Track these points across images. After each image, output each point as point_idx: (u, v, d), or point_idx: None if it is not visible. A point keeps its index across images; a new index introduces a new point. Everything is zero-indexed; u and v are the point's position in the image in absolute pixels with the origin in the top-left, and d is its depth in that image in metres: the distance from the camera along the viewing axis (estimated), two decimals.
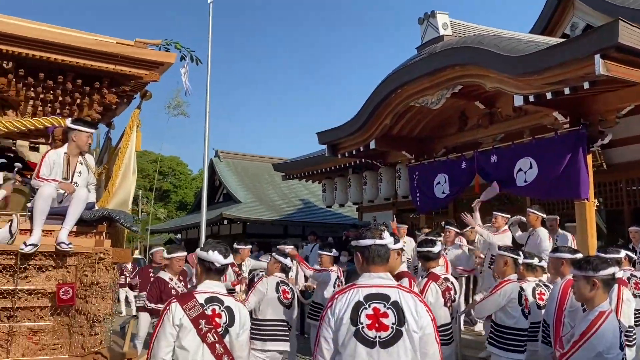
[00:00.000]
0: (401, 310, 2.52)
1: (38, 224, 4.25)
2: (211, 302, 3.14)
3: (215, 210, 20.15)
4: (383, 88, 8.81)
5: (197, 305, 3.09)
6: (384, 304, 2.54)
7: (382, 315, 2.53)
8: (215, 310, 3.13)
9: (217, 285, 3.26)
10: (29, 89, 4.59)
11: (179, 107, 20.10)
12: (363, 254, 2.70)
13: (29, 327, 4.34)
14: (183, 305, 2.99)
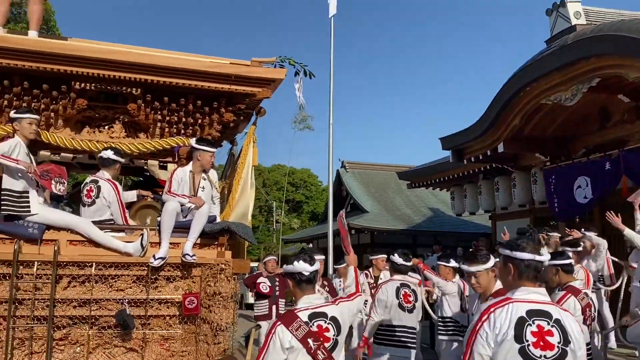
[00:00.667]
0: (564, 329, 2.47)
1: (165, 238, 4.55)
2: (315, 317, 3.00)
3: None
4: (510, 86, 8.25)
5: (303, 325, 2.95)
6: (547, 322, 2.48)
7: (547, 333, 2.47)
8: (321, 326, 3.00)
9: (316, 298, 3.14)
10: (156, 113, 4.95)
11: (304, 122, 20.69)
12: (518, 267, 2.58)
13: (161, 335, 4.65)
14: (289, 326, 2.85)
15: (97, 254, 4.51)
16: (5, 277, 4.25)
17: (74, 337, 4.43)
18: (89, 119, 4.99)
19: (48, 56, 4.36)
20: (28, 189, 4.36)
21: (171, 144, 5.02)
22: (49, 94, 4.65)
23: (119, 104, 4.93)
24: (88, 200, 4.63)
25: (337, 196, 22.59)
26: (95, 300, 4.46)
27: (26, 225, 4.34)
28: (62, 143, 4.78)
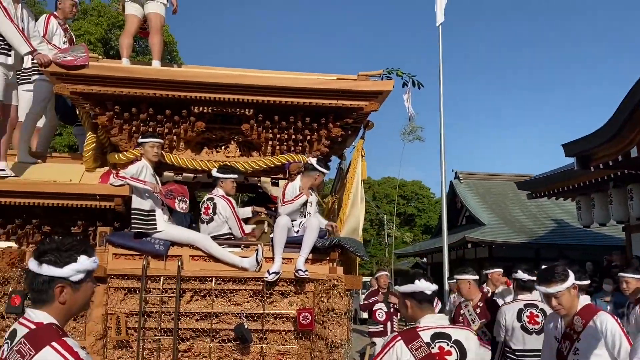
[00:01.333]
0: None
1: (278, 253, 4.64)
2: (438, 338, 2.78)
3: (458, 233, 19.63)
4: None
5: (424, 346, 2.74)
6: None
7: None
8: (443, 348, 2.76)
9: (441, 317, 2.98)
10: (267, 131, 5.11)
11: (413, 133, 20.38)
12: None
13: (277, 349, 4.72)
14: (409, 344, 2.66)
15: (217, 268, 4.71)
16: (135, 290, 4.58)
17: (197, 349, 4.64)
18: (207, 141, 5.27)
19: (170, 83, 4.68)
20: (155, 208, 4.68)
21: (282, 161, 5.14)
22: (172, 119, 4.97)
23: (233, 125, 5.15)
24: (206, 218, 4.87)
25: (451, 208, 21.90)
26: (216, 314, 4.65)
27: (153, 242, 4.65)
28: (184, 164, 5.08)
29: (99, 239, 4.65)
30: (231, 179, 4.97)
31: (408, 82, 5.79)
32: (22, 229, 4.85)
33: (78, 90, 4.65)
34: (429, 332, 2.76)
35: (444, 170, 14.22)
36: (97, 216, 4.87)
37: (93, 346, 4.47)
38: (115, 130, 4.97)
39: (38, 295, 1.95)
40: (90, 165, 5.18)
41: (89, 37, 20.70)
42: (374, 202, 42.87)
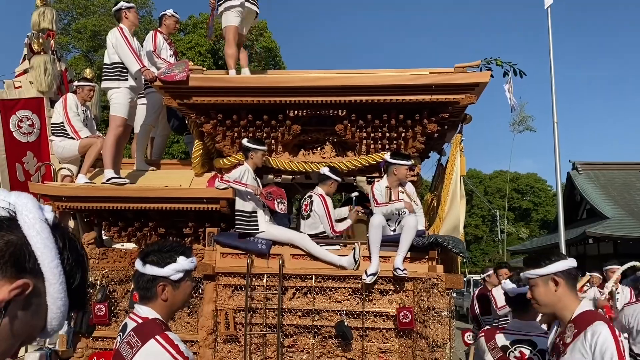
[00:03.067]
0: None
1: (374, 252, 4.65)
2: (518, 344, 2.70)
3: (578, 228, 18.29)
4: None
5: (497, 348, 2.69)
6: None
7: None
8: (524, 354, 2.67)
9: (529, 325, 2.77)
10: (361, 130, 5.14)
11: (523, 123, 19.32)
12: None
13: (378, 347, 4.74)
14: (488, 341, 2.66)
15: (316, 266, 4.83)
16: (241, 287, 4.83)
17: (300, 344, 4.80)
18: (303, 143, 5.41)
19: (265, 90, 4.88)
20: (256, 210, 4.91)
21: (377, 159, 5.14)
22: (269, 124, 5.18)
23: (327, 126, 5.24)
24: (305, 214, 5.03)
25: (569, 201, 20.52)
26: (317, 311, 4.77)
27: (256, 241, 4.88)
28: (282, 166, 5.27)
29: (207, 239, 4.97)
30: (334, 181, 5.09)
31: (509, 71, 5.54)
32: (140, 231, 5.32)
33: (184, 101, 5.00)
34: (510, 336, 2.75)
35: (558, 160, 13.36)
36: (206, 218, 5.20)
37: (205, 340, 4.79)
38: (219, 137, 5.27)
39: (144, 292, 2.15)
40: (199, 171, 5.55)
41: (199, 48, 22.06)
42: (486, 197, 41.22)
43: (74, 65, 18.69)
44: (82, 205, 5.17)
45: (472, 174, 43.93)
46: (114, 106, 5.44)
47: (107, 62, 5.49)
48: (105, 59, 5.58)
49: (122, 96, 5.39)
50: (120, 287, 5.16)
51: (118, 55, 5.37)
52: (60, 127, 5.80)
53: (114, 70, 5.41)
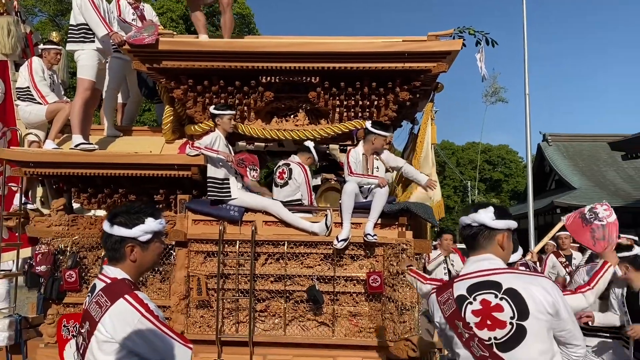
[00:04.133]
0: None
1: (346, 219, 4.72)
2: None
3: (547, 198, 18.77)
4: None
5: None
6: None
7: None
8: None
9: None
10: (334, 98, 5.14)
11: (496, 94, 19.51)
12: None
13: (349, 311, 4.85)
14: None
15: (289, 233, 4.87)
16: (214, 254, 4.86)
17: (272, 309, 4.87)
18: (276, 110, 5.39)
19: (237, 55, 4.82)
20: (228, 176, 4.90)
21: (350, 127, 5.17)
22: (241, 90, 5.14)
23: (301, 93, 5.22)
24: (280, 182, 5.05)
25: (539, 172, 20.98)
26: (289, 276, 4.84)
27: (228, 208, 4.89)
28: (255, 133, 5.25)
29: (179, 206, 4.95)
30: (312, 157, 5.11)
31: (481, 40, 5.57)
32: (110, 198, 5.27)
33: (153, 65, 4.91)
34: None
35: (529, 132, 13.67)
36: (177, 185, 5.17)
37: (177, 305, 4.83)
38: (190, 103, 5.21)
39: (112, 253, 2.16)
40: (169, 137, 5.50)
41: (171, 14, 21.52)
42: (458, 169, 41.81)
43: (41, 30, 18.04)
44: (50, 171, 5.08)
45: (445, 145, 44.39)
46: (80, 69, 5.30)
47: (73, 23, 5.32)
48: (71, 19, 5.40)
49: (88, 58, 5.25)
50: (91, 254, 5.13)
51: (83, 17, 5.21)
52: (26, 92, 5.65)
53: (79, 31, 5.25)
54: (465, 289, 2.16)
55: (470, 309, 2.11)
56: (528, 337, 2.02)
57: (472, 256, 2.26)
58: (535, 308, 2.03)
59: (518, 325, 2.03)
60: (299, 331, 4.85)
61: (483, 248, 2.24)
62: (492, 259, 2.21)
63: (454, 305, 2.16)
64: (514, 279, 2.11)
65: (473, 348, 2.09)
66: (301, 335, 4.82)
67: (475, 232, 2.24)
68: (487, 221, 2.21)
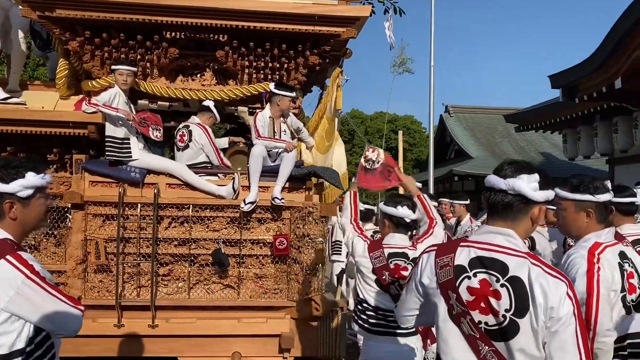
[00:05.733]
0: None
1: (254, 182, 4.68)
2: (394, 257, 3.10)
3: (447, 167, 19.80)
4: (632, 12, 7.32)
5: (383, 256, 3.14)
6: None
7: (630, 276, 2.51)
8: (399, 265, 3.07)
9: (402, 238, 3.24)
10: (243, 59, 5.01)
11: (403, 65, 20.05)
12: None
13: (255, 273, 4.87)
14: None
15: (194, 196, 4.76)
16: (113, 217, 4.65)
17: (176, 273, 4.78)
18: (181, 68, 5.17)
19: (138, 7, 4.53)
20: (129, 136, 4.66)
21: (259, 89, 5.08)
22: (144, 45, 4.86)
23: (208, 52, 5.04)
24: (181, 145, 4.87)
25: (440, 142, 22.01)
26: (194, 240, 4.76)
27: (129, 169, 4.67)
28: (158, 92, 5.01)
29: (75, 166, 4.66)
30: (213, 116, 4.96)
31: (390, 8, 5.68)
32: None
33: (45, 14, 4.50)
34: (387, 249, 3.14)
35: (432, 102, 14.22)
36: (72, 144, 4.86)
37: (74, 270, 4.59)
38: (87, 57, 4.86)
39: None
40: (64, 93, 5.12)
41: None
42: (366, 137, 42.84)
43: None
44: None
45: (355, 114, 45.22)
46: None
47: None
48: None
49: None
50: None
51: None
52: None
53: None
54: (467, 261, 1.86)
55: (467, 284, 1.83)
56: (519, 336, 1.75)
57: (490, 224, 1.92)
58: (536, 310, 1.73)
59: (512, 320, 1.76)
60: (203, 294, 4.81)
61: (510, 220, 1.87)
62: (511, 237, 1.85)
63: (451, 274, 1.87)
64: (526, 268, 1.78)
65: (463, 325, 1.83)
66: (206, 298, 4.79)
67: (509, 202, 1.85)
68: (528, 192, 1.82)
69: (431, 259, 1.96)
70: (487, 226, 1.92)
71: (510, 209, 1.85)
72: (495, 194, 1.87)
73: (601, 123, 11.38)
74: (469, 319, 1.80)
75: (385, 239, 3.25)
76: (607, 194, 2.48)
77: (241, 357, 4.70)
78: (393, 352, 3.10)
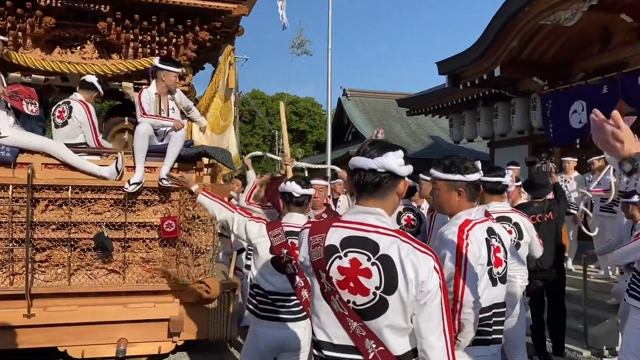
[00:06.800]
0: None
1: (139, 162, 4.48)
2: (291, 235, 3.16)
3: (344, 149, 20.28)
4: (509, 6, 7.87)
5: (282, 234, 3.18)
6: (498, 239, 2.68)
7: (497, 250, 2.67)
8: (294, 244, 3.13)
9: (300, 218, 3.25)
10: (127, 32, 4.76)
11: (302, 46, 20.09)
12: None
13: (141, 257, 4.70)
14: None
15: (73, 177, 4.47)
16: None
17: (55, 259, 4.49)
18: (59, 39, 4.82)
19: None
20: None
21: (145, 64, 4.86)
22: (14, 12, 4.45)
23: (89, 23, 4.73)
24: (60, 122, 4.55)
25: (339, 125, 22.45)
26: (74, 224, 4.48)
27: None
28: (32, 64, 4.64)
29: None
30: (97, 92, 4.66)
31: None
32: None
33: None
34: (286, 228, 3.20)
35: (330, 86, 14.40)
36: None
37: None
38: None
39: None
40: None
41: None
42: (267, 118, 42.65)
43: None
44: None
45: (256, 94, 44.78)
46: None
47: None
48: None
49: None
50: None
51: None
52: None
53: None
54: (339, 240, 1.86)
55: (338, 264, 1.84)
56: (388, 312, 1.79)
57: (361, 204, 1.91)
58: (405, 285, 1.77)
59: (381, 297, 1.79)
60: (86, 280, 4.56)
61: (380, 198, 1.89)
62: (382, 216, 1.88)
63: (321, 254, 1.87)
64: (395, 245, 1.81)
65: (333, 303, 1.85)
66: (88, 284, 4.55)
67: (379, 179, 1.86)
68: (396, 168, 1.84)
69: (305, 237, 1.95)
70: (359, 206, 1.92)
71: (380, 187, 1.88)
72: (366, 174, 1.87)
73: (483, 108, 12.18)
74: (338, 298, 1.83)
75: (284, 218, 3.27)
76: (477, 173, 2.61)
77: (127, 343, 4.54)
78: (280, 338, 3.12)
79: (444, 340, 1.81)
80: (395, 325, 1.80)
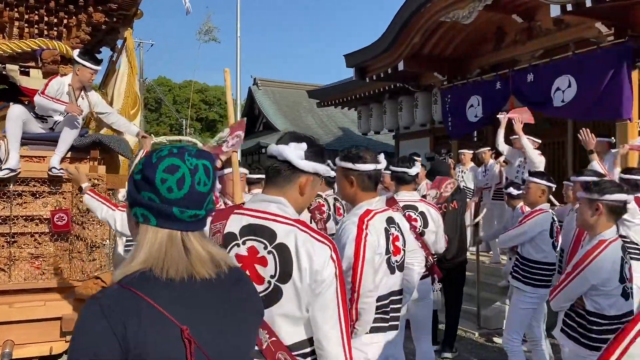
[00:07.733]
0: None
1: (13, 148, 4.11)
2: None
3: (255, 139, 20.12)
4: (411, 2, 8.15)
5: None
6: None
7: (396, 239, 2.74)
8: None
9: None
10: (12, 9, 4.39)
11: (209, 33, 19.62)
12: None
13: (30, 253, 4.38)
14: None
15: None
16: None
17: None
18: None
19: None
20: None
21: (32, 46, 4.49)
22: None
23: None
24: None
25: (249, 115, 22.19)
26: None
27: None
28: None
29: None
30: None
31: None
32: None
33: None
34: None
35: (239, 74, 14.26)
36: None
37: None
38: None
39: None
40: None
41: None
42: (175, 107, 41.35)
43: None
44: None
45: (162, 82, 43.29)
46: None
47: None
48: None
49: None
50: None
51: None
52: None
53: None
54: (238, 228, 1.86)
55: (235, 252, 1.83)
56: (283, 301, 1.80)
57: (265, 192, 1.93)
58: (299, 274, 1.78)
59: (275, 286, 1.79)
60: None
61: (280, 188, 1.89)
62: (282, 204, 1.87)
63: (220, 242, 1.85)
64: (292, 234, 1.81)
65: None
66: None
67: (278, 168, 1.88)
68: (293, 159, 1.85)
69: (207, 225, 1.95)
70: (262, 194, 1.93)
71: (279, 175, 1.89)
72: (269, 159, 1.91)
73: (389, 101, 12.58)
74: None
75: None
76: (370, 164, 2.64)
77: (14, 345, 4.22)
78: None
79: (338, 329, 1.84)
80: (289, 314, 1.80)
